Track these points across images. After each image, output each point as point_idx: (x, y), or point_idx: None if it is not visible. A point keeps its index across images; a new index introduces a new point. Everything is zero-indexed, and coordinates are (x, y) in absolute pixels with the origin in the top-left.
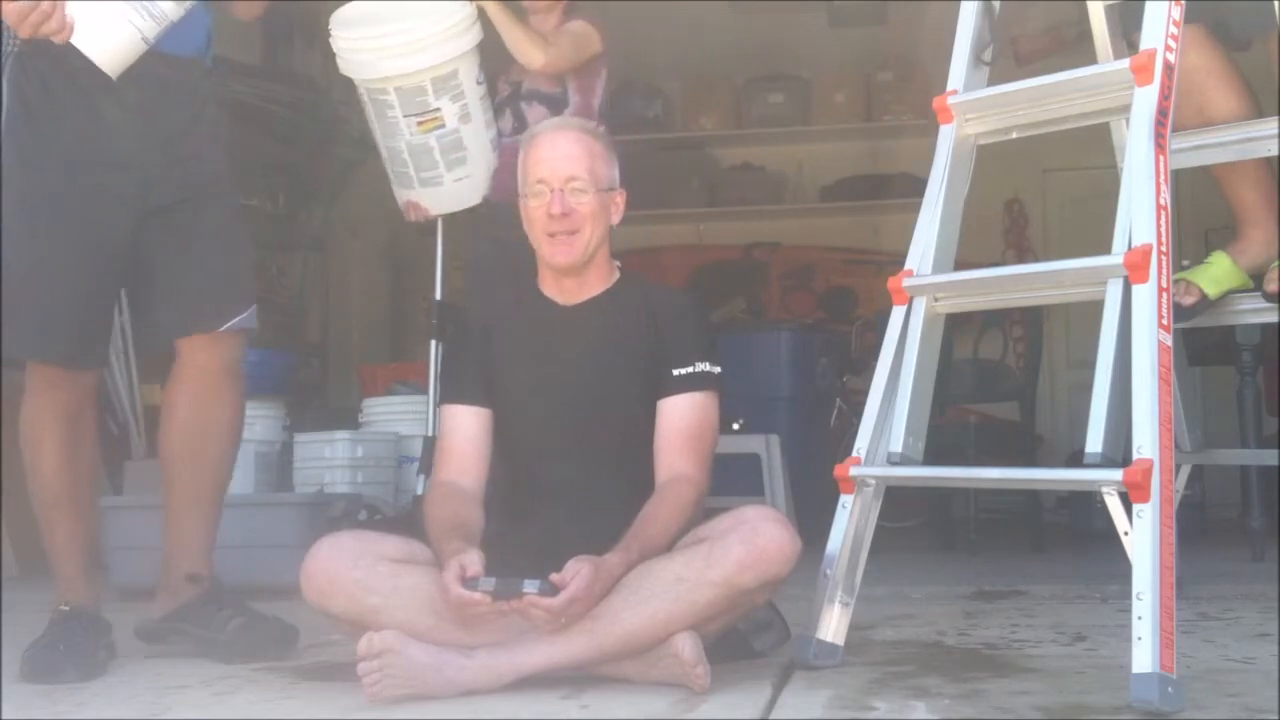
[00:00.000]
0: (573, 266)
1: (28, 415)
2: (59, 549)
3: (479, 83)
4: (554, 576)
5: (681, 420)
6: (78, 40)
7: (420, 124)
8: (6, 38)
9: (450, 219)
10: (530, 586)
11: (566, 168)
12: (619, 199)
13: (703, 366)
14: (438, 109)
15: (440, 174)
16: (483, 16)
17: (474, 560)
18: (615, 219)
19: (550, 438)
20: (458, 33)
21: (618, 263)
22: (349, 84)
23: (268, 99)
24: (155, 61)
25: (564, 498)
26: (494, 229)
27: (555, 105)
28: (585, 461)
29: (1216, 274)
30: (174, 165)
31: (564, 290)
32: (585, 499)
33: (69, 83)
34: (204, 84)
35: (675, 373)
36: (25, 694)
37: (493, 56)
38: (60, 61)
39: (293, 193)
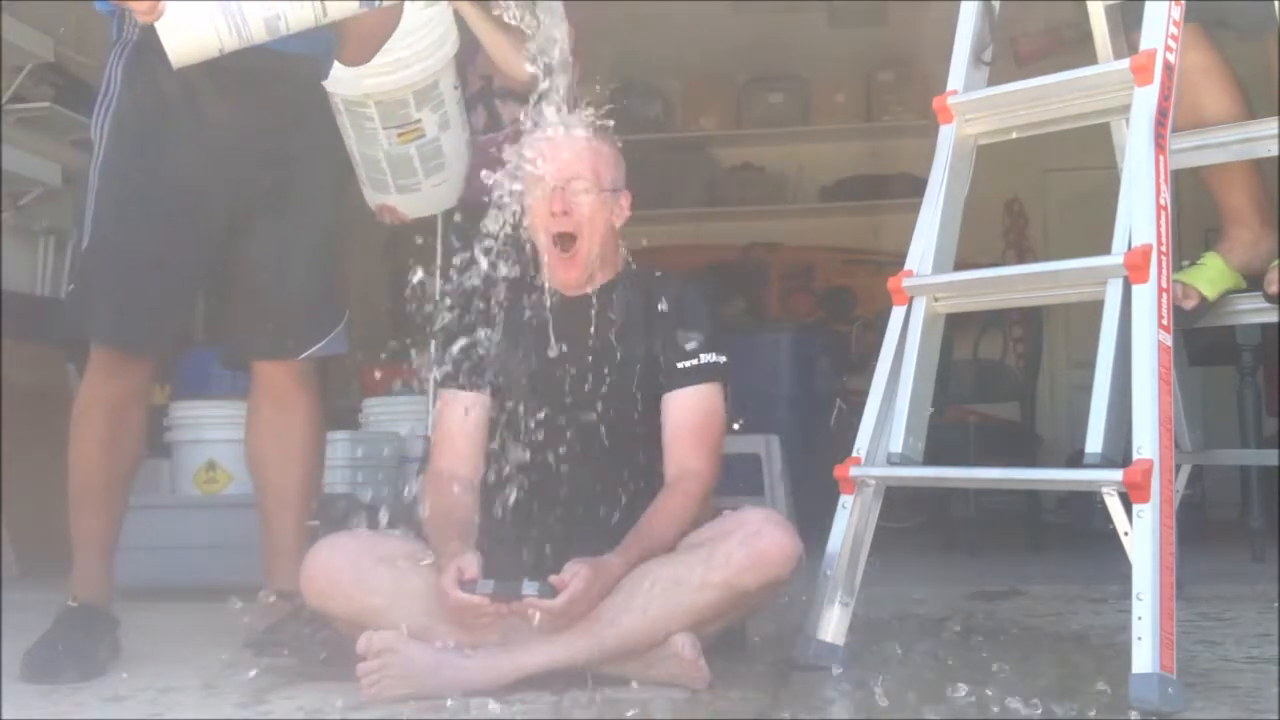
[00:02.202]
0: (575, 284)
1: (79, 399)
2: (81, 540)
3: (455, 87)
4: (553, 578)
5: (688, 414)
6: (159, 25)
7: (400, 135)
8: (127, 25)
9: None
10: (529, 588)
11: (569, 167)
12: (624, 200)
13: (708, 358)
14: (418, 120)
15: (419, 181)
16: (458, 18)
17: (472, 562)
18: (619, 221)
19: (551, 430)
20: (439, 45)
21: (625, 254)
22: None
23: None
24: (266, 57)
25: (565, 493)
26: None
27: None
28: (587, 455)
29: (1212, 275)
30: (271, 168)
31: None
32: (586, 494)
33: (178, 79)
34: (314, 86)
35: (680, 365)
36: (25, 694)
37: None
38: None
39: None
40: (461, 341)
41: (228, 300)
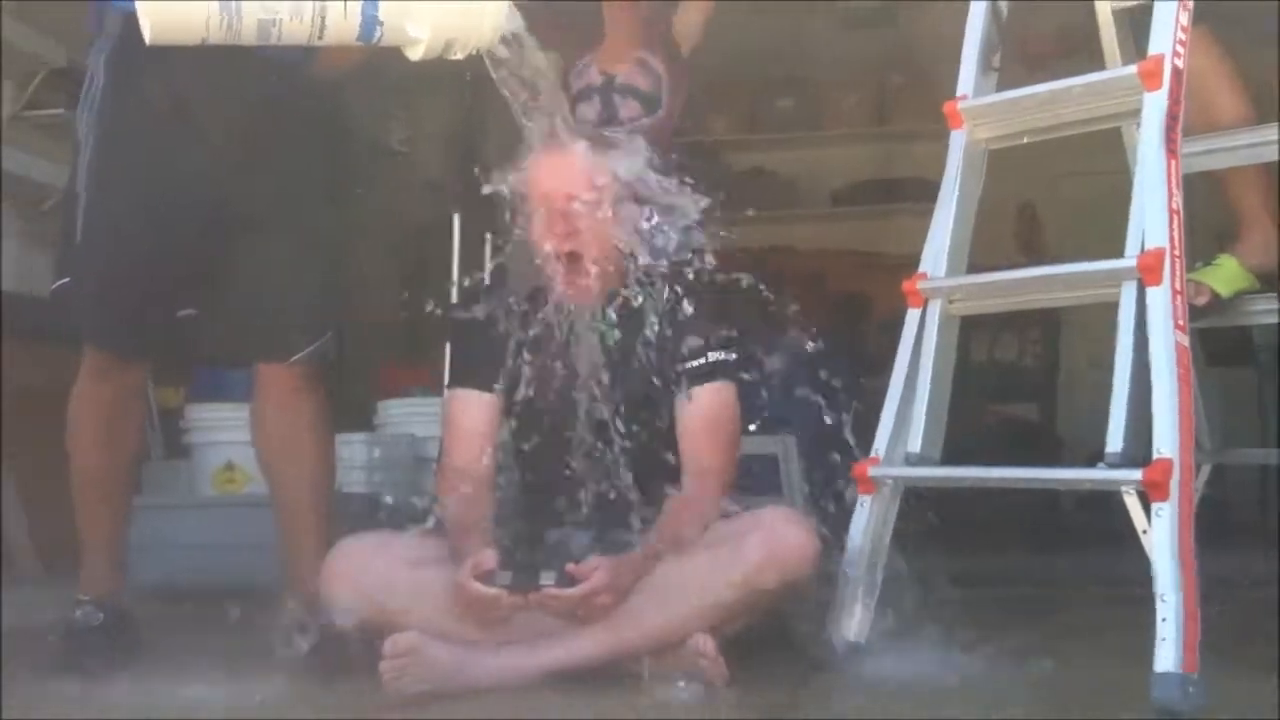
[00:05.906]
0: (584, 293)
1: (74, 401)
2: (86, 539)
3: None
4: (571, 568)
5: (700, 411)
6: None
7: None
8: (109, 19)
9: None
10: (547, 579)
11: (567, 185)
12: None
13: (717, 356)
14: None
15: None
16: None
17: (489, 556)
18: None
19: (565, 433)
20: None
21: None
22: None
23: None
24: (255, 55)
25: (579, 494)
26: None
27: (649, 104)
28: (601, 456)
29: (1226, 275)
30: (257, 168)
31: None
32: (601, 495)
33: (164, 75)
34: (303, 87)
35: (691, 364)
36: (26, 693)
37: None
38: (156, 53)
39: None
40: (471, 341)
41: (215, 299)
